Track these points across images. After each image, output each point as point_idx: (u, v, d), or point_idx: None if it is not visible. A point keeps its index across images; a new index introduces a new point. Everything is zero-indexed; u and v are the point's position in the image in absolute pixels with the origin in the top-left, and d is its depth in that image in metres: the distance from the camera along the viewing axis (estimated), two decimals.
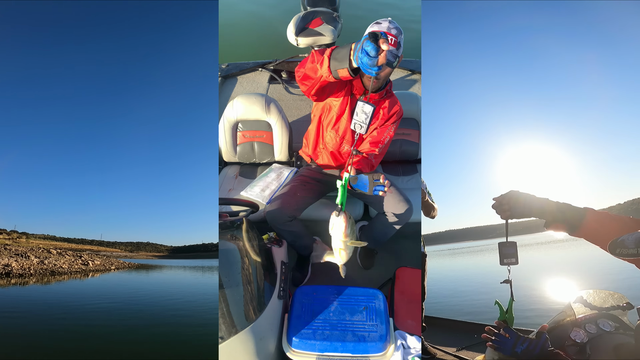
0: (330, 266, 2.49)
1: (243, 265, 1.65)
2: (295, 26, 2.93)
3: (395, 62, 1.74)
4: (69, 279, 15.19)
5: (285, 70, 3.71)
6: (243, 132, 2.71)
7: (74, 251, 30.94)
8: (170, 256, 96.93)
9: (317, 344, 1.68)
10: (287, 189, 2.09)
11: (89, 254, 32.52)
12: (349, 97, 1.97)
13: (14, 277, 13.83)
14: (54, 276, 15.72)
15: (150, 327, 5.83)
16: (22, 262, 16.74)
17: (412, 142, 2.73)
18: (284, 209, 1.97)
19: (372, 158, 2.02)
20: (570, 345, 1.57)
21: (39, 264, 17.56)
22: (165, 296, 10.77)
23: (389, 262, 2.50)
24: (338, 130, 2.06)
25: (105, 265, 24.19)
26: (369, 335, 1.73)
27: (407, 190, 2.56)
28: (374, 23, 1.78)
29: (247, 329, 1.50)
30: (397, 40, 1.74)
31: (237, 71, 3.74)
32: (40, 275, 15.38)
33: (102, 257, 30.16)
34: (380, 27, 1.74)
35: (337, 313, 1.82)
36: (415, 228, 2.42)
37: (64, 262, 20.15)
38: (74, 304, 8.13)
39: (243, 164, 2.83)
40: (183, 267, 33.71)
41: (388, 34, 1.72)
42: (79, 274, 17.87)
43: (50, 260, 19.63)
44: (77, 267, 20.53)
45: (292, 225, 2.04)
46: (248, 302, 1.59)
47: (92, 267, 22.05)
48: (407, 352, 1.74)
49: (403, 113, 2.11)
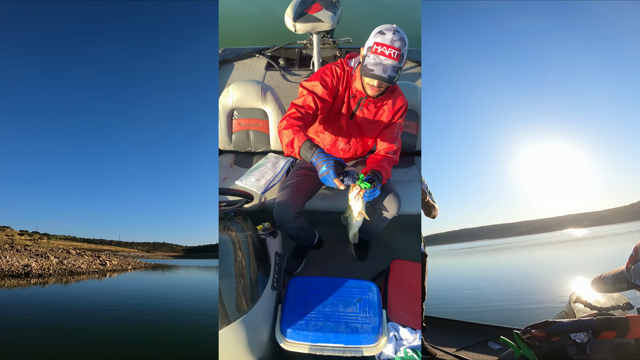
0: (323, 257, 2.52)
1: (236, 257, 1.67)
2: (294, 11, 2.84)
3: (396, 77, 1.75)
4: (87, 279, 15.58)
5: (283, 57, 3.66)
6: (238, 120, 2.68)
7: (92, 251, 31.79)
8: (185, 256, 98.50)
9: (310, 334, 1.70)
10: (290, 185, 2.08)
11: (107, 254, 33.35)
12: (345, 96, 1.98)
13: (34, 277, 14.26)
14: (73, 276, 16.15)
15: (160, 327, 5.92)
16: (41, 263, 17.27)
17: (411, 134, 2.69)
18: (292, 207, 1.98)
19: (392, 154, 2.05)
20: (570, 345, 1.54)
21: (58, 264, 18.08)
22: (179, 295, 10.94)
23: (384, 254, 2.50)
24: (334, 127, 2.07)
25: (122, 265, 24.72)
26: (362, 326, 1.74)
27: (404, 183, 2.55)
28: (378, 32, 1.74)
29: (239, 319, 1.52)
30: (401, 52, 1.72)
31: (234, 57, 3.69)
32: (59, 276, 15.82)
33: (120, 257, 30.86)
34: (383, 39, 1.71)
35: (331, 304, 1.83)
36: (411, 220, 2.40)
37: (82, 263, 20.68)
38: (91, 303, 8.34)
39: (238, 153, 2.81)
40: (198, 267, 34.18)
41: (391, 47, 1.70)
42: (97, 274, 18.30)
43: (70, 260, 20.19)
44: (95, 267, 21.05)
45: (298, 222, 2.06)
46: (241, 293, 1.61)
47: (109, 267, 22.57)
48: (399, 344, 1.75)
49: (407, 103, 2.09)
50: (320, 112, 1.92)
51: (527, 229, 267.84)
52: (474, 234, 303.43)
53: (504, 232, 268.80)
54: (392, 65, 1.72)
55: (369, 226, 2.10)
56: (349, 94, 1.97)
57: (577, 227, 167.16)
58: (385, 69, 1.72)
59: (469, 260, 25.77)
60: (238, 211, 1.93)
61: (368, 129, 2.07)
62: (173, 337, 5.05)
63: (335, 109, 2.01)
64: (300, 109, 1.84)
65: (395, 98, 2.02)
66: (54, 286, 12.20)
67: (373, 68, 1.72)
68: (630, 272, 0.98)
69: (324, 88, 1.89)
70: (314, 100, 1.87)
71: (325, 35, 3.57)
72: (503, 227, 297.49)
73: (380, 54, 1.71)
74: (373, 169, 1.90)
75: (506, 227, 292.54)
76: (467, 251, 46.38)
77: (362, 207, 1.78)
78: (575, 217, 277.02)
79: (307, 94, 1.89)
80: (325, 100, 1.90)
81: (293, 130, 1.75)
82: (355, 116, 2.03)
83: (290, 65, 3.67)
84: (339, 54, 3.73)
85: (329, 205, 2.37)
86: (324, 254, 2.52)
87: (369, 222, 1.92)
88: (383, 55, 1.71)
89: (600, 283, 1.05)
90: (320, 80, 1.90)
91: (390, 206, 2.00)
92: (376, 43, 1.72)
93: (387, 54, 1.70)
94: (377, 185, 1.77)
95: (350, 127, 2.07)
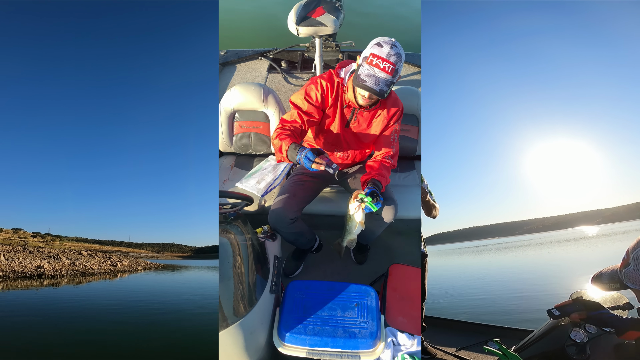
0: (323, 259, 2.52)
1: (235, 261, 1.68)
2: (297, 15, 2.83)
3: (387, 91, 1.77)
4: (99, 279, 15.83)
5: (285, 60, 3.67)
6: (240, 122, 2.68)
7: (103, 252, 32.30)
8: (194, 256, 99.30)
9: (308, 338, 1.70)
10: (287, 190, 2.09)
11: (117, 255, 33.86)
12: (338, 107, 1.99)
13: (47, 279, 14.53)
14: (85, 277, 16.42)
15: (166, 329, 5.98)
16: (54, 264, 17.60)
17: (411, 138, 2.67)
18: (287, 212, 2.00)
19: (390, 159, 2.06)
20: (570, 345, 1.54)
21: (70, 266, 18.40)
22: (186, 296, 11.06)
23: (383, 258, 2.49)
24: (330, 137, 2.09)
25: (133, 266, 25.08)
26: (360, 331, 1.74)
27: (404, 187, 2.54)
28: (376, 44, 1.73)
29: (236, 323, 1.54)
30: (395, 67, 1.72)
31: (236, 59, 3.69)
32: (71, 277, 16.10)
33: (130, 258, 31.32)
34: (380, 52, 1.71)
35: (329, 309, 1.84)
36: (410, 225, 2.40)
37: (94, 264, 21.03)
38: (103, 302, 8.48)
39: (239, 155, 2.81)
40: (207, 267, 34.46)
41: (386, 60, 1.70)
42: (108, 275, 18.58)
43: (81, 261, 20.54)
44: (106, 268, 21.38)
45: (295, 227, 2.07)
46: (239, 297, 1.62)
47: (120, 267, 22.91)
48: (397, 349, 1.75)
49: (404, 108, 2.09)
50: (307, 126, 1.96)
51: (538, 226, 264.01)
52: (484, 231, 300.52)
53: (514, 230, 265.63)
54: (385, 79, 1.72)
55: (366, 231, 2.12)
56: (341, 104, 1.98)
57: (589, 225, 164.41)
58: (378, 81, 1.72)
59: (479, 259, 25.53)
60: (238, 214, 1.94)
61: (364, 136, 2.07)
62: (178, 338, 5.11)
63: (328, 120, 2.03)
64: (287, 123, 1.92)
65: (390, 103, 2.01)
66: (67, 287, 12.42)
67: (366, 79, 1.73)
68: (622, 274, 1.00)
69: (308, 103, 1.93)
70: (299, 115, 1.92)
71: (328, 39, 3.59)
72: (513, 225, 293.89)
73: (375, 66, 1.71)
74: (373, 177, 1.92)
75: (516, 224, 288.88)
76: (477, 250, 45.94)
77: (362, 218, 1.81)
78: (586, 215, 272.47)
79: (292, 108, 1.95)
80: (310, 114, 1.94)
81: (280, 138, 1.84)
82: (350, 125, 2.04)
83: (293, 68, 3.67)
84: (341, 57, 3.73)
85: (328, 208, 2.37)
86: (323, 257, 2.52)
87: (366, 227, 1.93)
88: (377, 68, 1.71)
89: (598, 280, 1.08)
90: (304, 96, 1.94)
91: (387, 213, 2.00)
92: (372, 54, 1.72)
93: (382, 67, 1.70)
94: (379, 199, 1.80)
95: (347, 136, 2.08)
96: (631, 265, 0.98)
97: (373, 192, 1.80)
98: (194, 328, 5.96)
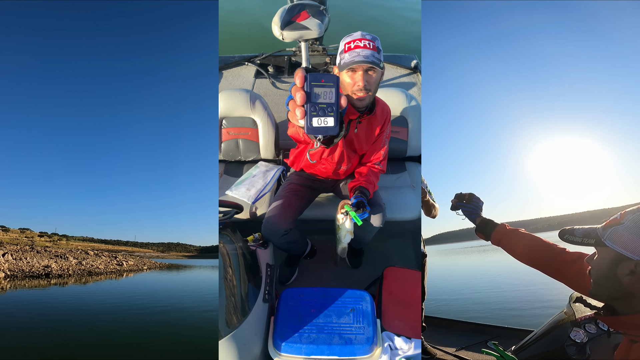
0: (318, 265, 2.50)
1: (226, 273, 1.65)
2: (281, 19, 2.78)
3: (380, 62, 1.65)
4: (105, 279, 16.01)
5: (272, 65, 3.64)
6: (227, 129, 2.63)
7: (109, 252, 32.56)
8: (199, 256, 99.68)
9: (304, 347, 1.68)
10: (280, 201, 2.03)
11: (123, 254, 34.09)
12: None
13: (54, 278, 14.73)
14: (91, 276, 16.61)
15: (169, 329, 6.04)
16: (61, 263, 17.82)
17: (401, 139, 2.63)
18: (281, 224, 1.96)
19: (379, 165, 2.02)
20: (570, 345, 1.55)
21: (77, 265, 18.62)
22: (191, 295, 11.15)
23: (378, 262, 2.47)
24: (333, 157, 1.97)
25: (138, 266, 25.30)
26: (356, 337, 1.71)
27: (396, 189, 2.52)
28: (344, 37, 1.68)
29: (229, 335, 1.50)
30: (375, 44, 1.63)
31: (222, 65, 3.66)
32: (78, 276, 16.30)
33: (136, 258, 31.54)
34: (352, 37, 1.64)
35: (324, 315, 1.81)
36: (405, 226, 2.37)
37: (100, 263, 21.25)
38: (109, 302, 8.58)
39: (228, 162, 2.76)
40: (211, 266, 34.60)
41: (363, 39, 1.62)
42: (114, 274, 18.77)
43: (88, 261, 20.77)
44: (112, 267, 21.59)
45: (288, 237, 2.03)
46: (231, 308, 1.60)
47: (126, 267, 23.13)
48: (394, 354, 1.72)
49: (390, 110, 2.03)
50: None
51: (544, 225, 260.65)
52: None
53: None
54: (370, 52, 1.61)
55: (356, 237, 2.12)
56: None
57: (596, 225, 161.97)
58: (366, 55, 1.60)
59: (481, 259, 25.36)
60: (227, 223, 1.90)
61: (360, 147, 2.00)
62: (182, 337, 5.18)
63: None
64: None
65: (379, 109, 1.95)
66: (73, 286, 12.59)
67: (353, 58, 1.61)
68: (605, 232, 0.94)
69: None
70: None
71: (315, 42, 3.57)
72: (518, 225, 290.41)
73: (355, 48, 1.61)
74: (360, 185, 1.88)
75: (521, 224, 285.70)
76: (483, 249, 45.59)
77: (351, 227, 1.75)
78: (593, 214, 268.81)
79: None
80: None
81: None
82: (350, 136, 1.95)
83: (280, 72, 3.65)
84: (329, 60, 3.71)
85: (321, 213, 2.34)
86: (318, 262, 2.50)
87: (356, 234, 1.94)
88: (358, 48, 1.61)
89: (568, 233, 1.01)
90: None
91: (375, 219, 1.98)
92: (346, 43, 1.64)
93: (362, 45, 1.61)
94: (366, 209, 1.74)
95: (347, 148, 1.99)
96: (625, 224, 0.94)
97: (360, 201, 1.73)
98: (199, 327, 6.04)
